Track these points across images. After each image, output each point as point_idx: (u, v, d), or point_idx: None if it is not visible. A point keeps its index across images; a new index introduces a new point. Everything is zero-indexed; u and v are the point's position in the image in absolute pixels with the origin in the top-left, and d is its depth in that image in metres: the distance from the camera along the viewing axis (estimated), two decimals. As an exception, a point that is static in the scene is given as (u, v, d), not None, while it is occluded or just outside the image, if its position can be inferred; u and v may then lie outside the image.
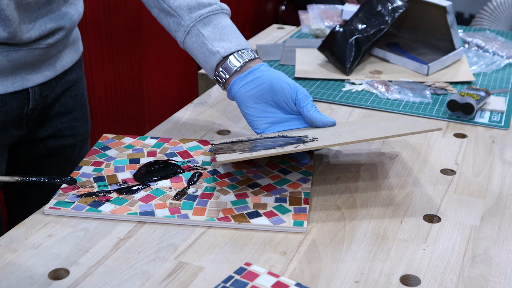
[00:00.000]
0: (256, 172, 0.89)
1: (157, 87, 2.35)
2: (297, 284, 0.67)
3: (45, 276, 0.68)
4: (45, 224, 0.77)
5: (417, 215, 0.81)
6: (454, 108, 1.10)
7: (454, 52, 1.33)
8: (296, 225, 0.77)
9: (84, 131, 1.14)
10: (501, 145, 1.01)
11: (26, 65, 0.96)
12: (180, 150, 0.95)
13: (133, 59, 2.19)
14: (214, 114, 1.11)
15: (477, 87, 1.17)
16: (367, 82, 1.25)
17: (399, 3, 1.32)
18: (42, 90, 1.00)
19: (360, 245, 0.75)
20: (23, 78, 0.96)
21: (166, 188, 0.85)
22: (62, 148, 1.11)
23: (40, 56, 0.97)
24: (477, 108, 1.10)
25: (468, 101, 1.08)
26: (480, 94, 1.12)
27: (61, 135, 1.09)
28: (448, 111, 1.11)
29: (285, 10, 3.18)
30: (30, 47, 0.94)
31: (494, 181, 0.90)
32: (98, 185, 0.85)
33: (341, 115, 1.12)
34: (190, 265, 0.71)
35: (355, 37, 1.29)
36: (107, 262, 0.71)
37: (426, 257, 0.73)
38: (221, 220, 0.78)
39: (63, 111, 1.08)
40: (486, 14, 2.76)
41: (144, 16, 2.14)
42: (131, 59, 2.18)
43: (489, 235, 0.77)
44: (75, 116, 1.11)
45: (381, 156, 0.97)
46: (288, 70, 1.33)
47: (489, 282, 0.69)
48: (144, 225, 0.78)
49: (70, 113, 1.10)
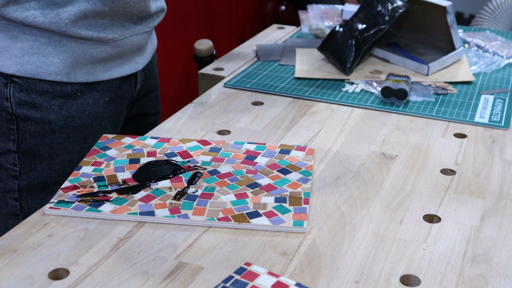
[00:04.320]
0: (256, 172, 0.89)
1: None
2: (297, 284, 0.67)
3: (45, 276, 0.68)
4: (45, 224, 0.77)
5: (417, 215, 0.81)
6: (388, 94, 1.16)
7: (454, 52, 1.33)
8: (296, 225, 0.77)
9: (160, 110, 1.25)
10: (501, 145, 1.01)
11: (139, 48, 1.07)
12: (180, 150, 0.95)
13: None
14: (214, 114, 1.11)
15: (397, 73, 1.26)
16: (367, 82, 1.25)
17: (399, 3, 1.32)
18: (142, 73, 1.11)
19: (360, 245, 0.75)
20: (136, 62, 1.07)
21: (166, 188, 0.85)
22: (146, 125, 1.19)
23: (147, 38, 1.09)
24: (409, 92, 1.18)
25: (401, 86, 1.16)
26: (407, 79, 1.20)
27: (147, 113, 1.20)
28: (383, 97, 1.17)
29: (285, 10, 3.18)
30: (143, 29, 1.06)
31: (494, 181, 0.90)
32: (98, 185, 0.85)
33: (341, 115, 1.12)
34: (190, 265, 0.71)
35: (355, 37, 1.29)
36: (107, 262, 0.71)
37: (426, 257, 0.73)
38: (221, 220, 0.78)
39: (148, 90, 1.17)
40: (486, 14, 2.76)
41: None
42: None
43: (489, 235, 0.77)
44: (156, 95, 1.22)
45: (381, 156, 0.97)
46: (288, 70, 1.33)
47: (489, 282, 0.69)
48: (144, 225, 0.78)
49: (152, 92, 1.19)
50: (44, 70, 0.97)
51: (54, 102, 0.99)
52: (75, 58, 0.98)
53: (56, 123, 1.00)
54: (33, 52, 0.96)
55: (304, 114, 1.12)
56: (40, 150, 1.00)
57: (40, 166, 1.01)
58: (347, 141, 1.01)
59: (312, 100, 1.18)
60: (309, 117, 1.10)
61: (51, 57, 0.97)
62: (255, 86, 1.24)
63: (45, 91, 0.98)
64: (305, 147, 0.97)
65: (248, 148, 0.97)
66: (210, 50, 1.54)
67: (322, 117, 1.11)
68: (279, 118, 1.10)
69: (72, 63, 0.99)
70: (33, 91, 0.98)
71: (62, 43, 0.97)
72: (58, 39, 0.97)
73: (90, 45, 0.99)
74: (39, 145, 1.00)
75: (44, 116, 0.99)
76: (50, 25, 0.94)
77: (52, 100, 0.99)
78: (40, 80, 0.97)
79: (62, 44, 0.97)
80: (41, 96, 0.98)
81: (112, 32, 1.00)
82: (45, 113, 0.99)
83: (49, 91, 0.98)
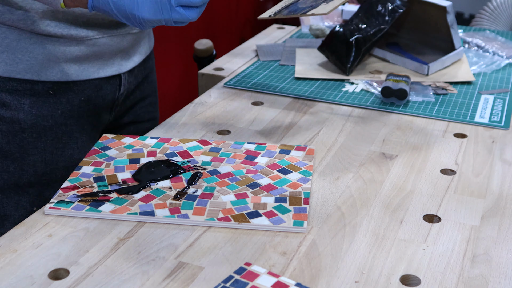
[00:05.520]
0: (256, 172, 0.89)
1: (157, 87, 2.34)
2: (297, 284, 0.67)
3: (45, 276, 0.68)
4: (45, 224, 0.77)
5: (417, 215, 0.81)
6: (388, 94, 1.16)
7: (454, 52, 1.33)
8: (296, 225, 0.77)
9: (157, 116, 1.22)
10: (501, 145, 1.01)
11: (122, 50, 1.03)
12: (180, 150, 0.95)
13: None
14: (214, 114, 1.11)
15: (397, 73, 1.25)
16: (367, 82, 1.25)
17: (399, 3, 1.32)
18: (129, 76, 1.08)
19: (360, 245, 0.75)
20: (119, 64, 1.04)
21: (166, 188, 0.85)
22: (140, 132, 1.17)
23: (133, 41, 1.05)
24: (409, 92, 1.17)
25: (401, 86, 1.15)
26: (407, 79, 1.19)
27: (141, 120, 1.17)
28: (383, 97, 1.17)
29: (285, 10, 3.17)
30: (127, 31, 1.01)
31: (494, 181, 0.90)
32: (98, 185, 0.85)
33: (341, 115, 1.12)
34: (190, 265, 0.71)
35: (355, 37, 1.29)
36: (107, 262, 0.71)
37: (426, 257, 0.73)
38: (221, 220, 0.78)
39: (142, 97, 1.15)
40: (486, 14, 2.76)
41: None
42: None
43: (489, 235, 0.77)
44: (151, 102, 1.19)
45: (381, 156, 0.96)
46: (288, 70, 1.33)
47: (489, 282, 0.69)
48: (144, 225, 0.78)
49: (147, 98, 1.17)
50: (13, 68, 0.96)
51: (24, 101, 0.97)
52: (46, 56, 0.97)
53: (25, 122, 0.98)
54: (2, 50, 0.95)
55: (304, 114, 1.12)
56: (11, 150, 0.99)
57: (12, 167, 0.99)
58: (347, 141, 1.01)
59: (312, 100, 1.18)
60: (309, 117, 1.10)
61: (21, 54, 0.95)
62: (255, 86, 1.24)
63: (15, 90, 0.97)
64: (305, 147, 0.97)
65: (248, 148, 0.97)
66: (210, 50, 1.54)
67: (322, 117, 1.11)
68: (279, 118, 1.10)
69: (43, 61, 0.97)
70: (2, 90, 0.96)
71: (32, 41, 0.95)
72: (28, 36, 0.95)
73: (62, 43, 0.97)
74: (10, 144, 0.98)
75: (14, 115, 0.98)
76: (18, 22, 0.93)
77: (22, 99, 0.97)
78: (9, 79, 0.96)
79: (32, 41, 0.95)
80: (11, 95, 0.97)
81: (85, 31, 0.97)
82: (15, 112, 0.97)
83: (19, 90, 0.97)
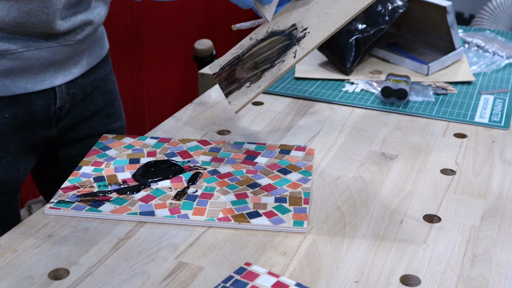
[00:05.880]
0: (256, 172, 0.89)
1: (157, 87, 2.35)
2: (297, 284, 0.67)
3: (45, 276, 0.68)
4: (45, 224, 0.77)
5: (417, 215, 0.81)
6: (388, 94, 1.16)
7: (454, 52, 1.33)
8: (296, 225, 0.77)
9: (119, 125, 1.14)
10: (501, 145, 1.01)
11: (55, 63, 0.95)
12: (180, 150, 0.95)
13: (133, 59, 2.19)
14: (214, 114, 1.11)
15: (397, 73, 1.25)
16: (367, 82, 1.25)
17: (399, 3, 1.32)
18: (69, 88, 1.00)
19: (360, 245, 0.75)
20: (52, 76, 0.96)
21: (166, 188, 0.85)
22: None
23: (69, 53, 0.96)
24: (409, 92, 1.17)
25: (401, 87, 1.15)
26: (407, 79, 1.19)
27: (97, 133, 1.09)
28: (383, 97, 1.17)
29: (285, 10, 3.17)
30: (60, 43, 0.94)
31: (494, 181, 0.90)
32: (98, 185, 0.85)
33: (341, 115, 1.12)
34: (190, 265, 0.71)
35: (355, 37, 1.29)
36: (107, 262, 0.71)
37: (426, 257, 0.73)
38: (221, 220, 0.78)
39: (96, 109, 1.08)
40: (486, 14, 2.76)
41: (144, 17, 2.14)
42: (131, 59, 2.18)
43: (489, 235, 0.77)
44: (107, 113, 1.11)
45: (381, 156, 0.96)
46: (288, 70, 1.33)
47: (489, 282, 0.69)
48: (144, 225, 0.78)
49: (102, 110, 1.10)
50: None
51: None
52: None
53: None
54: None
55: (304, 114, 1.12)
56: None
57: None
58: (347, 141, 1.01)
59: (312, 100, 1.18)
60: (309, 117, 1.10)
61: None
62: (255, 86, 1.23)
63: None
64: (305, 147, 0.97)
65: (248, 148, 0.97)
66: (210, 50, 1.54)
67: (322, 117, 1.11)
68: (279, 118, 1.10)
69: None
70: None
71: None
72: None
73: None
74: None
75: None
76: None
77: None
78: None
79: None
80: None
81: (6, 44, 0.88)
82: None
83: None
